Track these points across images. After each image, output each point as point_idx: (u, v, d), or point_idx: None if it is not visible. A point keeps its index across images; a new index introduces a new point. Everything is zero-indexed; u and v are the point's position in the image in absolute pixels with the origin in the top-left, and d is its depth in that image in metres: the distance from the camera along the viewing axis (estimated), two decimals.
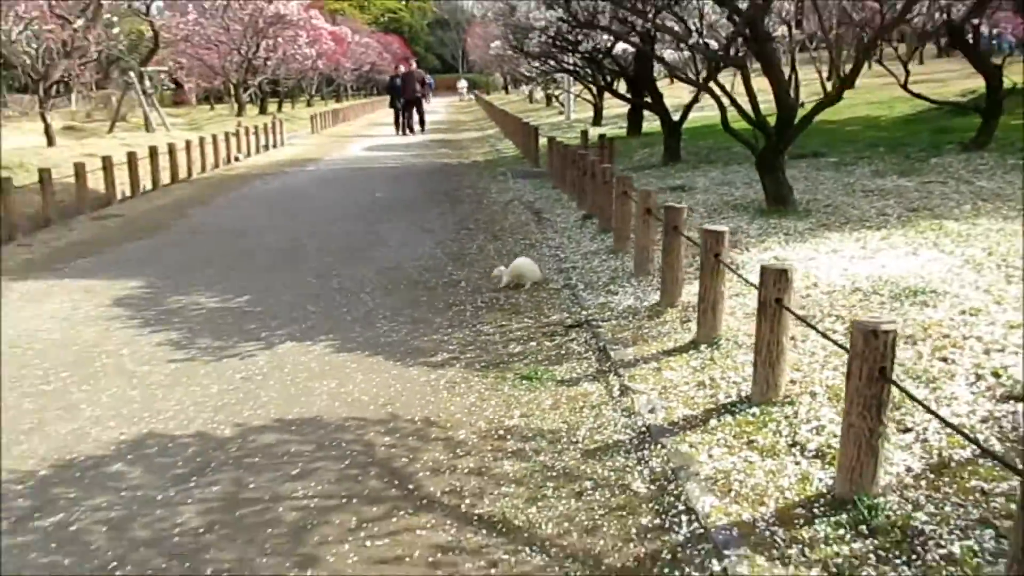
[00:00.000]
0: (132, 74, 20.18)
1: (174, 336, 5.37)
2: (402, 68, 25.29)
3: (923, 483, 2.83)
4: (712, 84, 8.18)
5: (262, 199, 11.82)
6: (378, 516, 3.08)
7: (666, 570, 2.66)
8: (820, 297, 4.83)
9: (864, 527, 2.64)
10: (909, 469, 2.92)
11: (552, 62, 15.17)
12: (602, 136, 12.43)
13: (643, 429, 3.64)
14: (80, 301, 6.29)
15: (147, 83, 20.88)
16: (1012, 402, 3.23)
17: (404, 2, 74.61)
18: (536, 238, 8.11)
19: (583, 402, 4.05)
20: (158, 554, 2.89)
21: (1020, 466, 2.72)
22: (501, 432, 3.75)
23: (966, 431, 3.00)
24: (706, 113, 14.81)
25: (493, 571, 2.72)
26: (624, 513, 3.02)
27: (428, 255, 7.61)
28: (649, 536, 2.86)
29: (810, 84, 9.96)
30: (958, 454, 2.95)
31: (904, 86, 9.51)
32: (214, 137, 16.61)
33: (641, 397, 3.93)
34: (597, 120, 20.51)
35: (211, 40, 27.42)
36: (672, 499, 3.05)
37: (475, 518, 3.03)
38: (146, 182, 12.80)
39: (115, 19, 18.90)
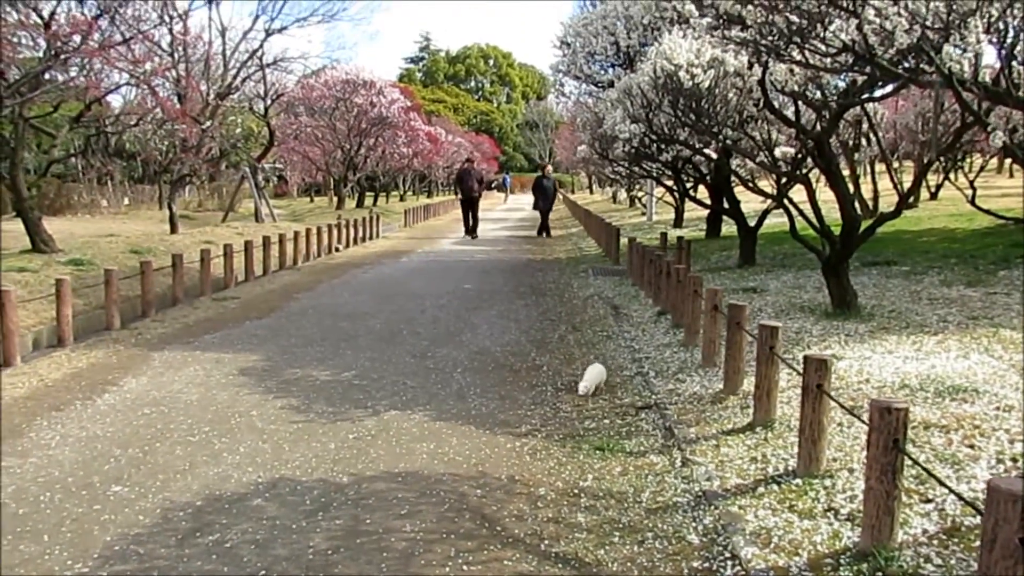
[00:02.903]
0: (247, 168, 22.03)
1: (294, 402, 6.19)
2: (467, 164, 24.41)
3: (935, 542, 3.33)
4: (783, 194, 8.85)
5: (361, 287, 12.87)
6: (472, 548, 3.72)
7: None
8: (869, 391, 5.33)
9: (880, 573, 3.15)
10: (925, 531, 3.42)
11: (635, 168, 16.10)
12: (680, 238, 13.13)
13: (699, 493, 4.21)
14: (212, 370, 7.21)
15: (259, 177, 22.73)
16: None
17: (496, 105, 77.93)
18: (613, 330, 8.78)
19: (648, 470, 4.64)
20: (296, 567, 3.59)
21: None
22: (576, 491, 4.37)
23: (975, 503, 3.48)
24: (783, 220, 15.38)
25: None
26: (679, 558, 3.59)
27: (513, 341, 8.35)
28: (699, 574, 3.42)
29: (890, 195, 10.49)
30: (968, 521, 3.43)
31: (971, 202, 9.94)
32: (318, 229, 18.00)
33: (700, 468, 4.50)
34: (678, 222, 21.27)
35: (317, 139, 29.60)
36: (720, 548, 3.61)
37: (552, 554, 3.65)
38: (257, 269, 14.04)
39: (236, 119, 20.78)
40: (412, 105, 37.47)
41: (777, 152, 9.74)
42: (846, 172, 17.44)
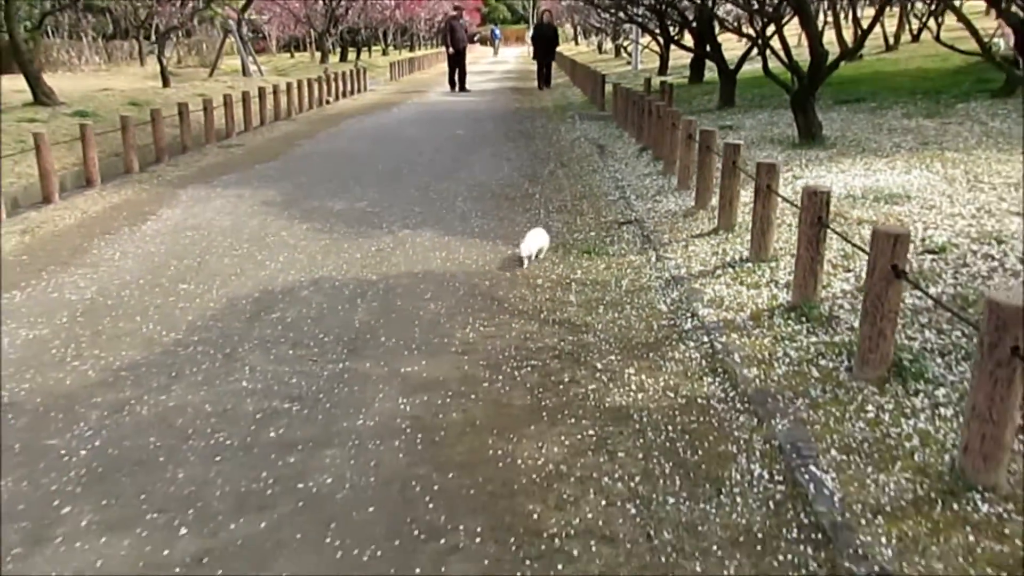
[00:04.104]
0: (231, 22, 21.94)
1: (317, 225, 7.00)
2: (456, 14, 23.28)
3: (848, 296, 4.26)
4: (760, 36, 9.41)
5: (358, 134, 13.45)
6: (485, 318, 4.65)
7: (680, 343, 4.17)
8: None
9: (804, 318, 4.09)
10: (843, 291, 4.35)
11: (620, 13, 16.34)
12: (663, 83, 13.66)
13: (669, 278, 5.13)
14: (237, 203, 7.98)
15: (244, 30, 22.65)
16: (927, 255, 4.62)
17: None
18: (598, 165, 9.55)
19: (628, 266, 5.55)
20: (348, 335, 4.50)
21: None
22: (567, 281, 5.28)
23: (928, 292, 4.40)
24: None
25: (562, 344, 4.25)
26: (650, 319, 4.53)
27: (507, 176, 9.12)
28: (665, 327, 4.37)
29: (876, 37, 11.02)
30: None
31: (936, 38, 10.51)
32: (308, 81, 18.28)
33: (670, 261, 5.41)
34: (663, 70, 21.56)
35: None
36: (683, 311, 4.55)
37: (550, 320, 4.58)
38: (254, 120, 14.52)
39: None
40: None
41: None
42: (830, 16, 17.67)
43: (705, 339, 4.12)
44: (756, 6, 9.45)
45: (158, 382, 3.88)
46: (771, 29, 10.59)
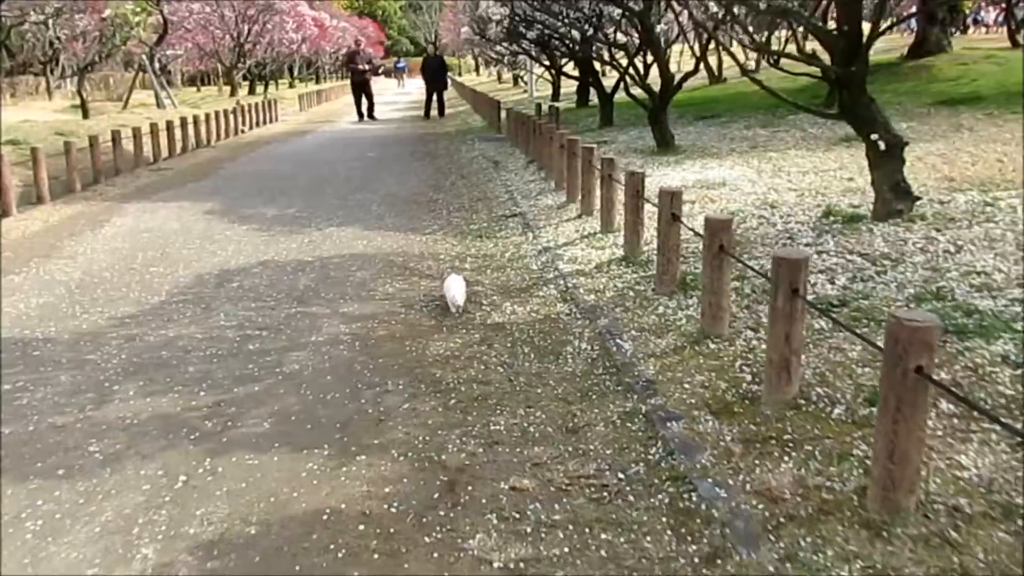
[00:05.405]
0: (144, 56, 22.83)
1: (255, 226, 8.32)
2: (356, 47, 24.51)
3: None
4: (620, 64, 11.21)
5: (277, 157, 14.73)
6: (401, 278, 6.11)
7: (544, 286, 5.72)
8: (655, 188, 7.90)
9: (633, 266, 5.71)
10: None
11: (513, 46, 18.11)
12: (551, 107, 15.44)
13: (541, 248, 6.71)
14: (180, 212, 9.21)
15: (156, 64, 23.55)
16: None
17: None
18: (492, 176, 11.15)
19: (511, 243, 7.11)
20: (292, 295, 5.88)
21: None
22: (464, 255, 6.80)
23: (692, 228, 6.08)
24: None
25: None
26: (525, 274, 6.08)
27: (414, 187, 10.61)
28: (535, 279, 5.93)
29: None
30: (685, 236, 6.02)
31: (774, 63, 12.53)
32: (225, 112, 19.40)
33: (543, 237, 7.00)
34: (556, 96, 23.48)
35: (206, 25, 30.02)
36: (549, 267, 6.12)
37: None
38: (178, 146, 15.60)
39: (132, 7, 21.48)
40: None
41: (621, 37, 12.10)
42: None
43: (562, 283, 5.70)
44: (619, 40, 11.25)
45: (156, 323, 5.20)
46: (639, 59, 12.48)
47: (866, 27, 5.75)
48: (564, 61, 20.44)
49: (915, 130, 9.55)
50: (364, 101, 23.05)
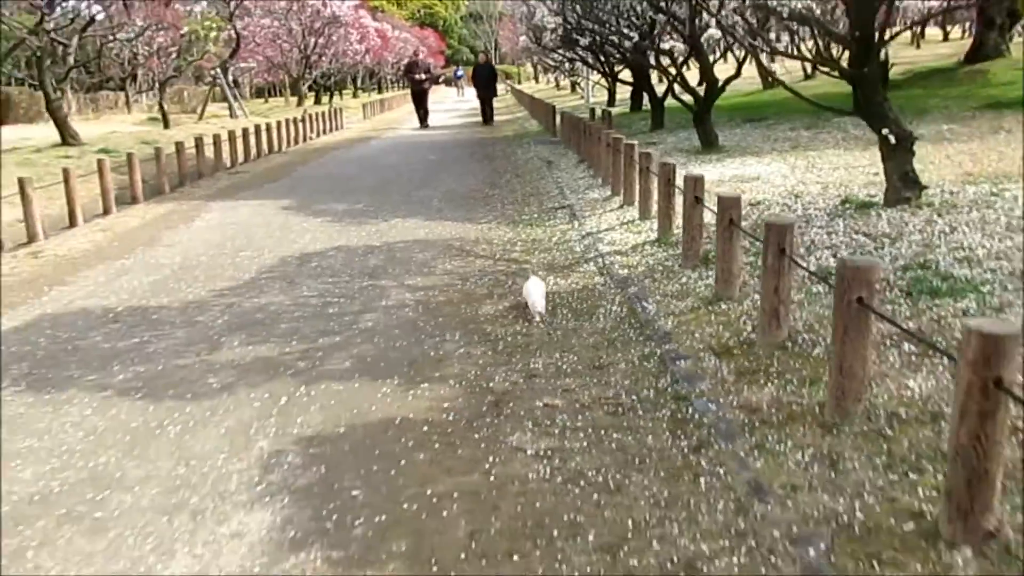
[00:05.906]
0: (219, 70, 24.25)
1: (328, 219, 9.23)
2: (414, 58, 25.95)
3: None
4: (672, 70, 11.87)
5: (345, 161, 15.74)
6: (459, 259, 6.90)
7: (584, 264, 6.44)
8: None
9: (664, 246, 6.39)
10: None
11: (568, 53, 18.86)
12: (604, 111, 16.13)
13: (584, 234, 7.43)
14: (259, 208, 10.19)
15: (229, 78, 24.96)
16: (752, 207, 6.96)
17: None
18: (545, 174, 11.90)
19: (558, 230, 7.85)
20: (365, 273, 6.71)
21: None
22: (515, 240, 7.56)
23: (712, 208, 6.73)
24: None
25: (509, 268, 6.50)
26: (569, 255, 6.81)
27: (472, 185, 11.43)
28: (576, 258, 6.66)
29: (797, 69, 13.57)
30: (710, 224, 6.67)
31: (773, 76, 13.03)
32: (294, 120, 20.58)
33: (587, 225, 7.72)
34: (611, 102, 24.15)
35: (274, 39, 31.52)
36: (591, 249, 6.84)
37: (504, 259, 6.84)
38: (252, 152, 16.75)
39: (208, 24, 22.91)
40: (359, 3, 39.08)
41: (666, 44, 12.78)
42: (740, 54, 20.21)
43: (600, 261, 6.41)
44: (667, 48, 11.92)
45: (251, 294, 6.08)
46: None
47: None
48: (619, 68, 21.13)
49: (955, 132, 10.00)
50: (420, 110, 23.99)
